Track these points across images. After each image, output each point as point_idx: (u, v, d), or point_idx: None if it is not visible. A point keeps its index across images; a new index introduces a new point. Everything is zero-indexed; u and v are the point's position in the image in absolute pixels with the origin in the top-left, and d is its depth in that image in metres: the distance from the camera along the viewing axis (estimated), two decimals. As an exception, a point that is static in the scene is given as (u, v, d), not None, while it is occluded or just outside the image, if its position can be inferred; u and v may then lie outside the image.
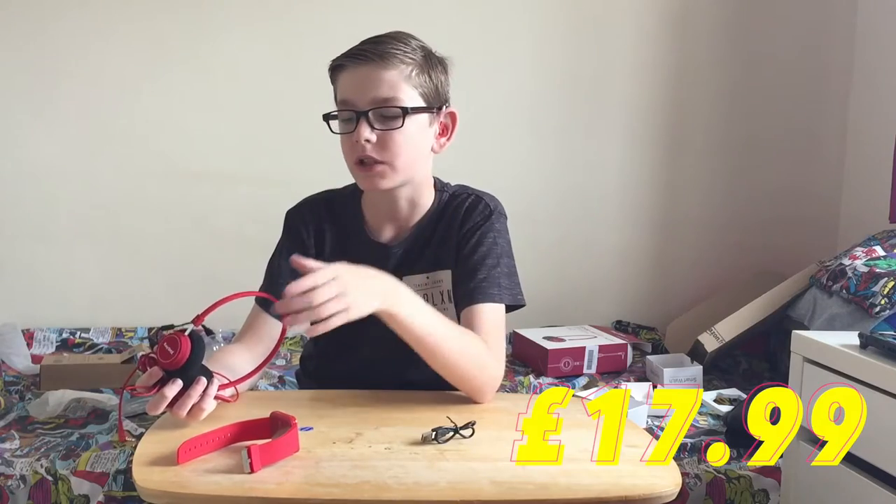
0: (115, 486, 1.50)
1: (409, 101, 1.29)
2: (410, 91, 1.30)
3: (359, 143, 1.28)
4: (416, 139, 1.32)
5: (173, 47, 2.47)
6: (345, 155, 1.34)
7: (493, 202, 1.41)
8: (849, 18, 2.70)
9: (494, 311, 1.32)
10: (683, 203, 2.75)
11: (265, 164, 2.53)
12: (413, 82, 1.30)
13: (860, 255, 2.16)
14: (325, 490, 0.95)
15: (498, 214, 1.39)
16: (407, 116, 1.29)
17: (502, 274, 1.34)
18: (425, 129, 1.33)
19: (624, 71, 2.67)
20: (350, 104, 1.30)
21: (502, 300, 1.33)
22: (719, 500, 1.59)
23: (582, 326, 2.49)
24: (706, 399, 2.04)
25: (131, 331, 2.43)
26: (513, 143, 2.64)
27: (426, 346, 1.20)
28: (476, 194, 1.42)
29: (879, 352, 1.30)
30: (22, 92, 2.41)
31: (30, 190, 2.44)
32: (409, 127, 1.29)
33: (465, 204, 1.39)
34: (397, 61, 1.29)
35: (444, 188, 1.43)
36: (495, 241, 1.37)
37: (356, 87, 1.30)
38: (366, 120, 1.28)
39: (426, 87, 1.32)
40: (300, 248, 1.39)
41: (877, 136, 2.53)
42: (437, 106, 1.34)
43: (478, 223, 1.37)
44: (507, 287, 1.34)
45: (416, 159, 1.33)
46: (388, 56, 1.29)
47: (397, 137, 1.29)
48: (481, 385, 1.26)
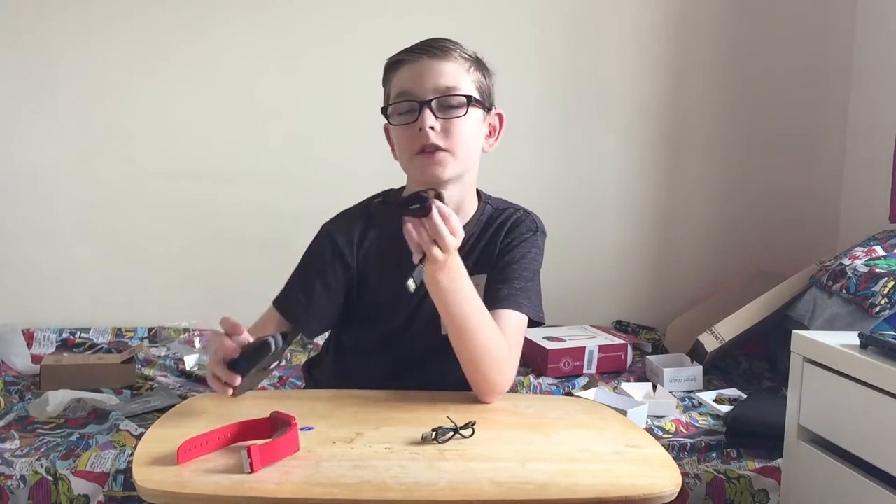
0: (115, 486, 1.50)
1: (470, 91, 1.34)
2: (469, 84, 1.34)
3: (423, 132, 1.29)
4: (475, 132, 1.36)
5: (172, 47, 2.46)
6: (401, 147, 1.35)
7: (539, 221, 1.47)
8: (849, 18, 2.70)
9: (520, 320, 1.36)
10: (684, 203, 2.75)
11: (265, 164, 2.53)
12: (471, 77, 1.35)
13: (860, 255, 2.16)
14: (325, 490, 0.95)
15: (542, 233, 1.45)
16: (470, 105, 1.32)
17: (533, 290, 1.39)
18: (480, 124, 1.38)
19: (624, 71, 2.67)
20: (411, 94, 1.31)
21: (529, 313, 1.37)
22: (719, 500, 1.59)
23: (582, 326, 2.49)
24: (706, 399, 2.04)
25: (131, 331, 2.43)
26: (514, 144, 2.61)
27: (461, 329, 1.24)
28: (524, 210, 1.47)
29: (879, 352, 1.30)
30: (21, 92, 2.41)
31: (30, 190, 2.44)
32: (471, 116, 1.33)
33: (514, 217, 1.44)
34: (457, 55, 1.34)
35: (488, 200, 1.47)
36: (535, 257, 1.42)
37: (417, 77, 1.32)
38: (429, 108, 1.29)
39: (481, 84, 1.37)
40: (338, 258, 1.40)
41: (877, 136, 2.53)
42: (489, 105, 1.39)
43: (525, 236, 1.42)
44: (535, 303, 1.39)
45: (474, 151, 1.37)
46: (447, 50, 1.33)
47: (461, 124, 1.31)
48: (495, 383, 1.28)
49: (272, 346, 1.14)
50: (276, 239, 2.48)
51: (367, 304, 1.42)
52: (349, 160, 2.48)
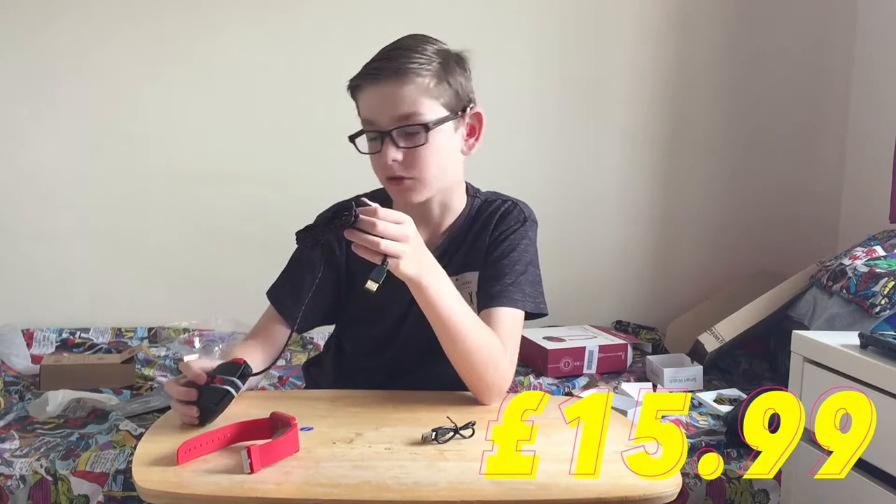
0: (115, 486, 1.50)
1: (430, 113, 1.28)
2: (431, 103, 1.28)
3: (387, 164, 1.28)
4: (443, 150, 1.31)
5: (173, 47, 2.46)
6: (375, 172, 1.34)
7: (528, 210, 1.43)
8: (849, 18, 2.70)
9: (514, 317, 1.33)
10: (683, 203, 2.75)
11: (265, 164, 2.53)
12: (433, 94, 1.28)
13: (860, 255, 2.16)
14: (325, 490, 0.95)
15: (532, 222, 1.41)
16: (429, 131, 1.28)
17: (528, 282, 1.36)
18: (451, 136, 1.33)
19: (624, 70, 2.67)
20: (373, 124, 1.29)
21: (524, 307, 1.34)
22: (719, 501, 1.59)
23: (582, 326, 2.49)
24: (706, 399, 2.04)
25: (131, 331, 2.43)
26: (513, 143, 2.64)
27: (448, 329, 1.21)
28: (512, 200, 1.43)
29: (879, 352, 1.30)
30: (22, 92, 2.41)
31: (30, 190, 2.44)
32: (434, 140, 1.28)
33: (501, 209, 1.40)
34: (413, 75, 1.27)
35: (477, 194, 1.44)
36: (526, 248, 1.38)
37: (377, 105, 1.28)
38: (391, 140, 1.27)
39: (447, 96, 1.30)
40: (328, 255, 1.39)
41: (877, 135, 2.53)
42: (462, 109, 1.33)
43: (512, 228, 1.38)
44: (531, 295, 1.35)
45: (445, 168, 1.33)
46: (403, 72, 1.27)
47: (423, 153, 1.28)
48: (490, 384, 1.26)
49: (233, 395, 1.15)
50: (277, 239, 2.45)
51: (357, 305, 1.42)
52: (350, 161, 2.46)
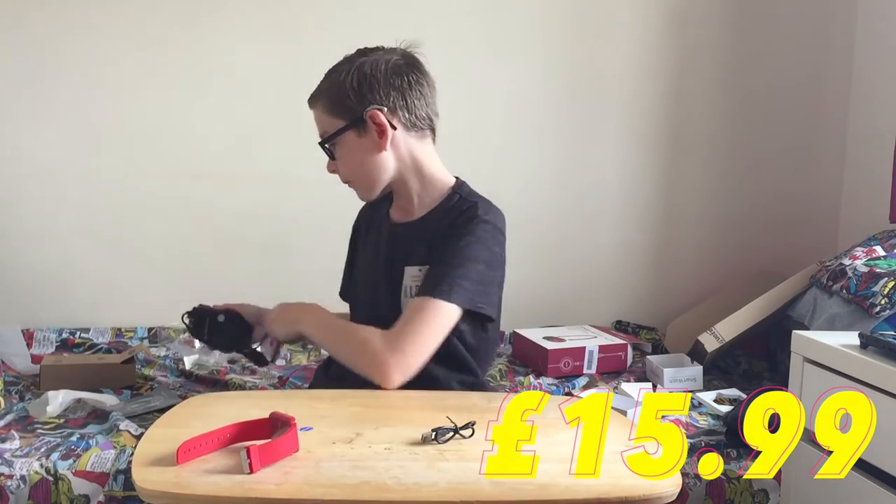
0: (115, 486, 1.50)
1: (333, 130, 1.43)
2: (332, 121, 1.43)
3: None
4: (355, 156, 1.44)
5: (173, 47, 2.46)
6: None
7: (485, 210, 1.42)
8: (849, 19, 2.70)
9: (432, 307, 1.32)
10: (684, 203, 2.75)
11: (266, 165, 2.52)
12: (331, 112, 1.43)
13: (860, 255, 2.16)
14: (325, 490, 0.95)
15: (483, 222, 1.39)
16: (332, 147, 1.44)
17: (464, 276, 1.34)
18: (357, 142, 1.43)
19: (625, 72, 2.67)
20: None
21: (450, 300, 1.32)
22: (719, 501, 1.59)
23: (582, 326, 2.49)
24: (706, 399, 2.04)
25: (131, 331, 2.43)
26: (513, 144, 2.64)
27: (331, 349, 1.43)
28: (476, 201, 1.44)
29: (879, 352, 1.30)
30: (22, 92, 2.40)
31: (30, 190, 2.44)
32: (341, 151, 1.44)
33: (463, 207, 1.42)
34: (317, 100, 1.45)
35: (459, 190, 1.46)
36: (469, 244, 1.37)
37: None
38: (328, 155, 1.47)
39: (339, 111, 1.42)
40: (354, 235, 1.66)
41: (877, 136, 2.53)
42: (357, 117, 1.40)
43: (466, 226, 1.39)
44: (468, 290, 1.34)
45: (369, 170, 1.44)
46: (313, 98, 1.46)
47: (341, 163, 1.46)
48: (369, 370, 1.31)
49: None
50: (277, 240, 2.48)
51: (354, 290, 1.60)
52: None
